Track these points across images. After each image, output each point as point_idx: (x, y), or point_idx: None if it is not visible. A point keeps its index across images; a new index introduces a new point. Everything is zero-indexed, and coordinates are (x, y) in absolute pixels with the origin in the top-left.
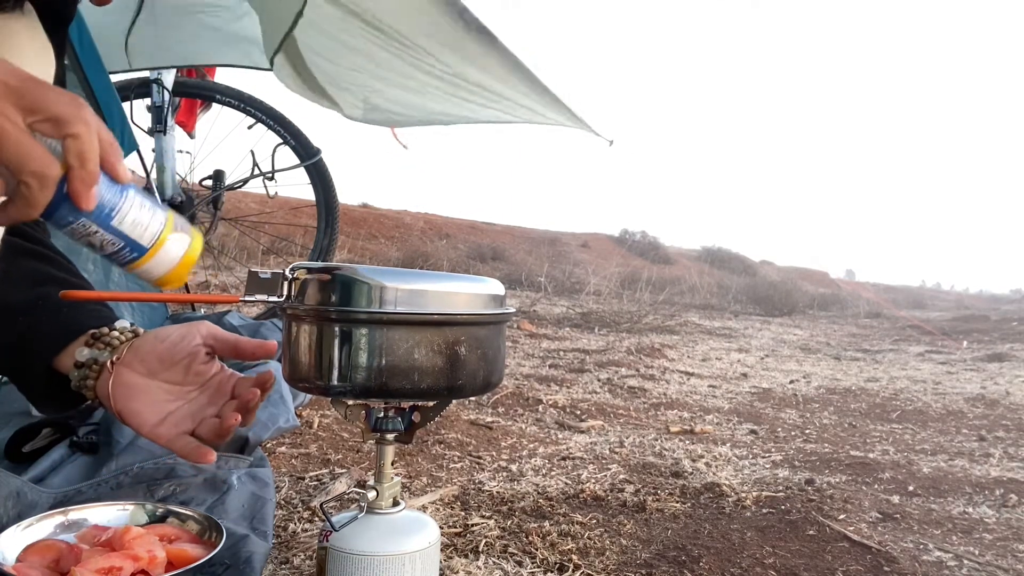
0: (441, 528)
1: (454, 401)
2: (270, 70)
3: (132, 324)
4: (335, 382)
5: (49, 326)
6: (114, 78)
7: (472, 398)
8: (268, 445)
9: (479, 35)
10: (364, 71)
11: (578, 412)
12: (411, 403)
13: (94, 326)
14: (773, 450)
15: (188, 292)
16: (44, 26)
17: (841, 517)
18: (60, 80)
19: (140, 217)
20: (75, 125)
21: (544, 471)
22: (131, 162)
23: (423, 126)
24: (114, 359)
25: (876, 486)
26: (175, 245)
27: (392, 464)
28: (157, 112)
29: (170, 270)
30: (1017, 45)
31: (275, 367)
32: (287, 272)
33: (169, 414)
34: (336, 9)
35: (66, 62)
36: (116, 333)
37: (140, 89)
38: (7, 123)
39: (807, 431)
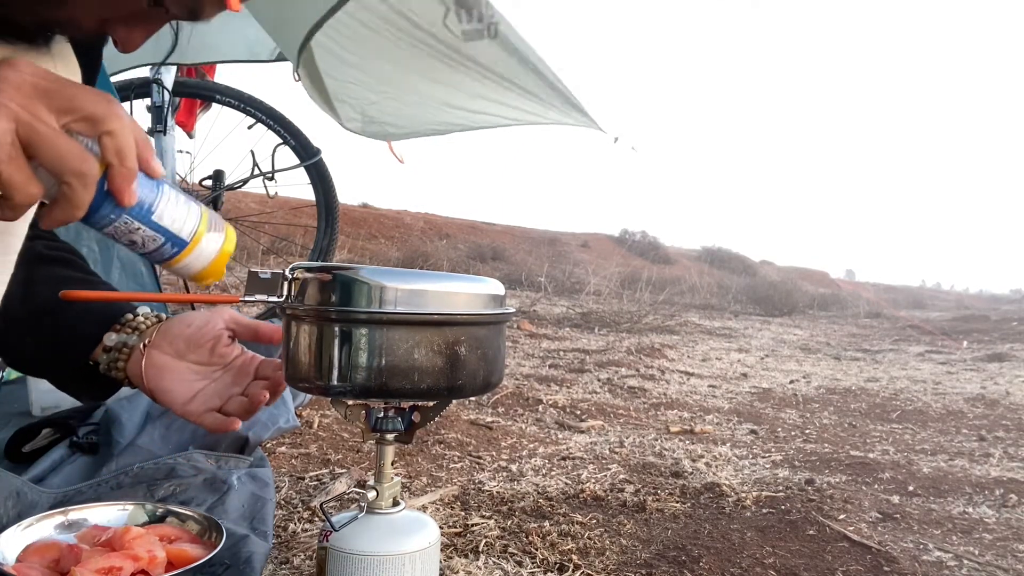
0: (441, 528)
1: (454, 401)
2: (269, 61)
3: (152, 310)
4: (335, 382)
5: (79, 324)
6: (114, 78)
7: (472, 398)
8: (268, 445)
9: (480, 40)
10: (360, 84)
11: (578, 412)
12: (411, 403)
13: (119, 315)
14: (773, 450)
15: (188, 292)
16: (76, 51)
17: (841, 517)
18: None
19: (178, 211)
20: (111, 122)
21: (544, 471)
22: None
23: (420, 137)
24: (145, 342)
25: (876, 486)
26: (212, 237)
27: (392, 464)
28: (157, 112)
29: (210, 263)
30: (1017, 45)
31: None
32: (287, 272)
33: (198, 392)
34: (334, 21)
35: None
36: (141, 318)
37: (140, 89)
38: (42, 126)
39: (807, 431)
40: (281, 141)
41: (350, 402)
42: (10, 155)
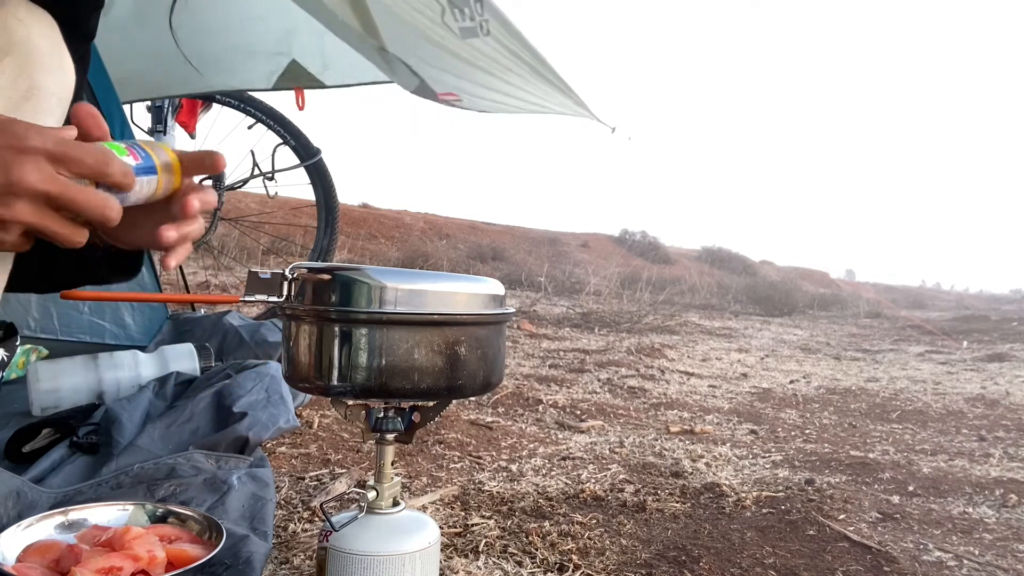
0: (441, 528)
1: (454, 401)
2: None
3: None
4: (335, 382)
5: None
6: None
7: (472, 398)
8: (268, 445)
9: (475, 38)
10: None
11: (578, 412)
12: (411, 403)
13: None
14: (773, 450)
15: (188, 292)
16: (68, 43)
17: (841, 517)
18: (79, 89)
19: (143, 191)
20: (109, 168)
21: (544, 471)
22: None
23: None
24: None
25: (876, 486)
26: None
27: (392, 464)
28: (157, 112)
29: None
30: (1017, 45)
31: (275, 368)
32: (287, 272)
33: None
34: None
35: None
36: None
37: None
38: (68, 188)
39: (807, 431)
40: (281, 141)
41: (350, 402)
42: (49, 217)
